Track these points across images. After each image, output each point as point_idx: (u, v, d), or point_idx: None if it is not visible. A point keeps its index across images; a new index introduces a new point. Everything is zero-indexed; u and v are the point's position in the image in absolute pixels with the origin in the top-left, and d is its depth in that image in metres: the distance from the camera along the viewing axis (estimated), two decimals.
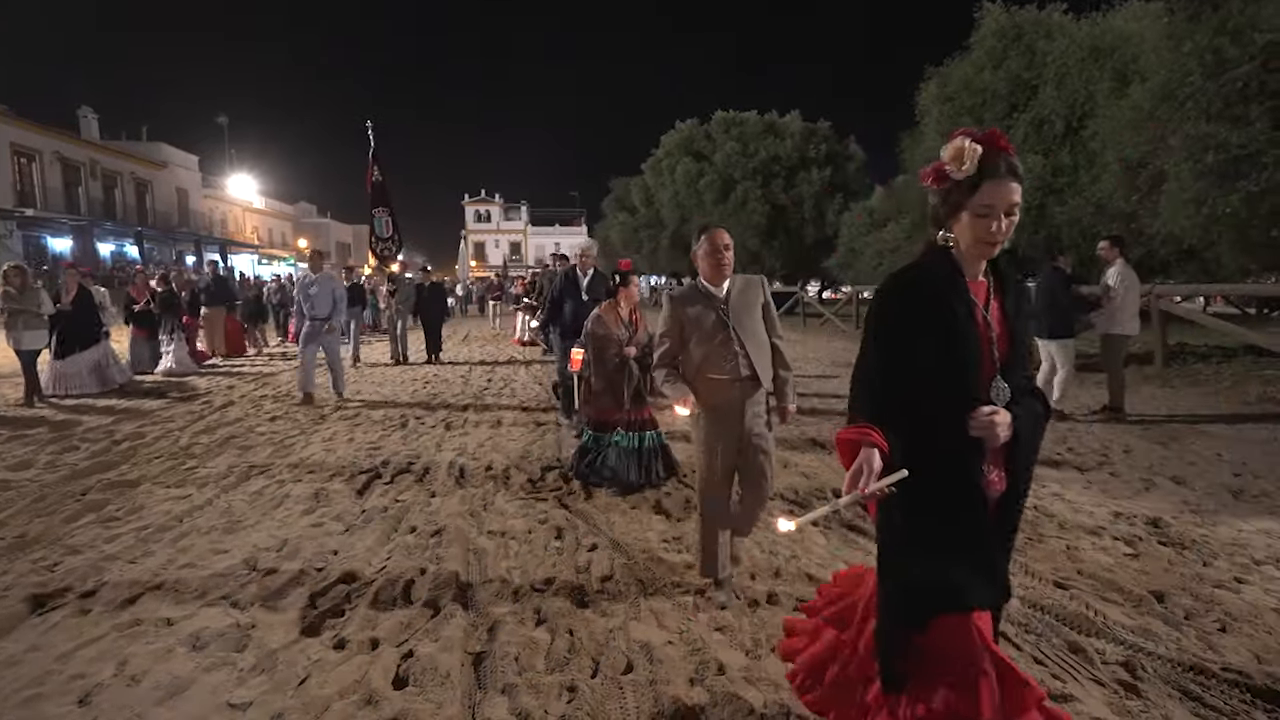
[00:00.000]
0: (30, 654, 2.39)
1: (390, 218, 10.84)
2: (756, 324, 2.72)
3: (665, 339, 2.76)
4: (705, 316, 2.67)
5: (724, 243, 2.69)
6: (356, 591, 2.87)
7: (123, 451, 5.29)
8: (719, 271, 2.69)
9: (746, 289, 2.76)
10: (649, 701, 2.10)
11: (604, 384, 4.24)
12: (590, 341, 4.28)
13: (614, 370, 4.20)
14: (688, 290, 2.76)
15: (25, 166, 24.68)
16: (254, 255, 39.14)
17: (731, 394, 2.63)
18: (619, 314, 4.27)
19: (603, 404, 4.26)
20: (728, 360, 2.62)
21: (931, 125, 15.30)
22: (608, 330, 4.20)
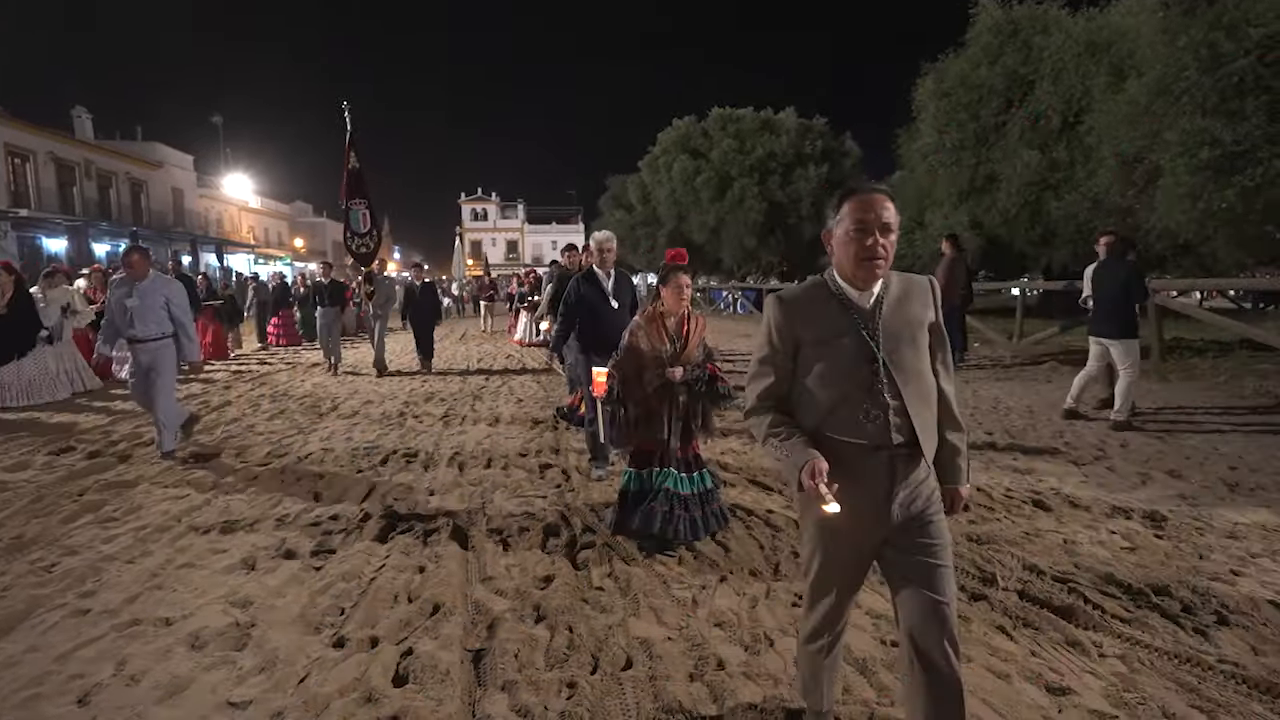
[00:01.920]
0: (29, 654, 2.39)
1: (368, 210, 9.65)
2: (920, 356, 1.62)
3: (766, 368, 1.70)
4: (837, 338, 1.59)
5: (881, 217, 1.55)
6: (356, 590, 2.87)
7: (120, 452, 5.28)
8: (869, 266, 1.56)
9: (907, 297, 1.65)
10: (649, 697, 2.11)
11: (641, 412, 3.26)
12: (625, 358, 3.26)
13: (653, 397, 3.21)
14: (809, 291, 1.69)
15: (19, 167, 24.55)
16: (250, 255, 39.03)
17: (872, 471, 1.58)
18: (664, 324, 3.22)
19: (641, 435, 3.30)
20: (870, 413, 1.56)
21: (928, 121, 15.31)
22: (650, 344, 3.20)
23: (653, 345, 3.20)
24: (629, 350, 3.26)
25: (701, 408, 3.27)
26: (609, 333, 3.90)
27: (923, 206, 16.92)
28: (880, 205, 1.54)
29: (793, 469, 1.55)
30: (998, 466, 4.59)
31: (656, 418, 3.23)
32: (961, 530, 3.40)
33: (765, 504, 3.90)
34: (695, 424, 3.29)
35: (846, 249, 1.58)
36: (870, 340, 1.57)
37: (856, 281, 1.60)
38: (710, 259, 28.48)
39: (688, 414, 3.26)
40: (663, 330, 3.21)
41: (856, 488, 1.54)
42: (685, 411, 3.25)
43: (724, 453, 4.98)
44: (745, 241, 26.42)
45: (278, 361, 11.61)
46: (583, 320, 4.38)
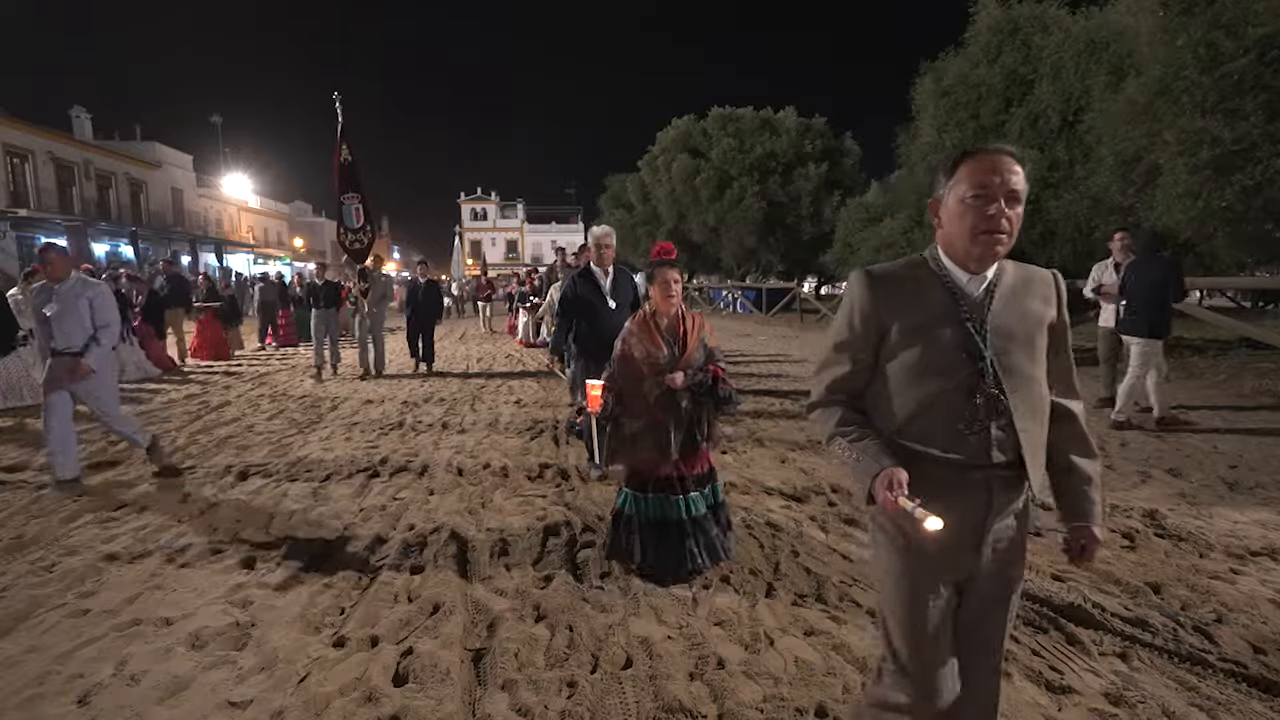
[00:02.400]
0: (29, 654, 2.39)
1: (361, 205, 9.27)
2: (1035, 361, 1.35)
3: (841, 356, 1.42)
4: (936, 327, 1.32)
5: (1008, 183, 1.27)
6: (356, 589, 2.87)
7: (119, 451, 5.28)
8: (988, 243, 1.28)
9: (1026, 288, 1.37)
10: (649, 696, 2.11)
11: (641, 426, 2.92)
12: (619, 368, 2.96)
13: (656, 408, 2.87)
14: (908, 269, 1.40)
15: (18, 167, 24.54)
16: (249, 255, 39.01)
17: (963, 495, 1.32)
18: (656, 326, 2.92)
19: (641, 452, 2.93)
20: (969, 424, 1.30)
21: (928, 120, 15.31)
22: (645, 351, 2.89)
23: (648, 352, 2.87)
24: (622, 360, 2.92)
25: (706, 415, 2.94)
26: (606, 334, 3.74)
27: (922, 206, 16.93)
28: (1007, 168, 1.25)
29: (863, 476, 1.30)
30: None
31: (660, 431, 2.87)
32: None
33: (765, 503, 3.89)
34: (701, 433, 2.92)
35: (960, 221, 1.28)
36: (977, 334, 1.30)
37: (969, 262, 1.32)
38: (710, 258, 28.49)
39: (692, 423, 2.90)
40: (656, 334, 2.88)
41: (953, 512, 1.23)
42: (690, 420, 2.90)
43: (724, 451, 4.98)
44: (745, 241, 26.42)
45: (276, 362, 11.60)
46: (578, 321, 4.21)
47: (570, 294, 4.20)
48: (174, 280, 11.40)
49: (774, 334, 15.80)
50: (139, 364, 9.40)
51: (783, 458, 4.82)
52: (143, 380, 9.20)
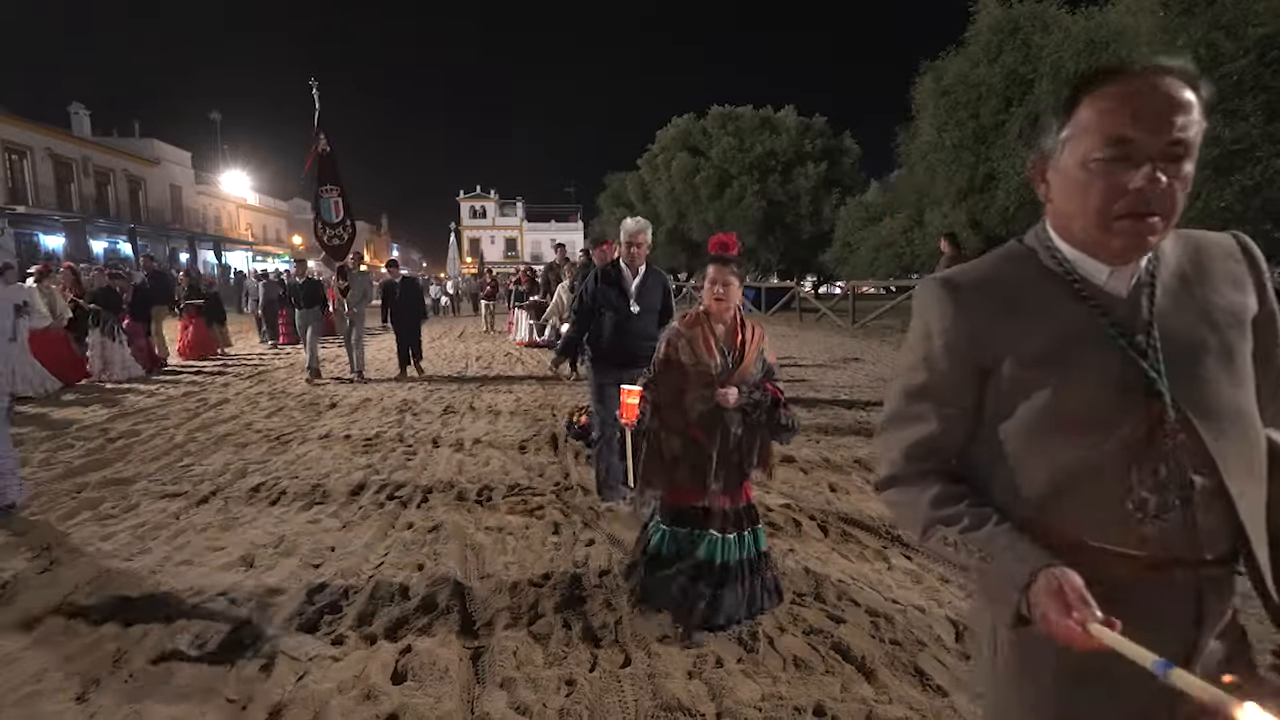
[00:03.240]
0: (27, 652, 2.38)
1: (341, 199, 8.75)
2: (1240, 382, 0.85)
3: (921, 407, 0.96)
4: (1070, 351, 0.86)
5: (1171, 125, 0.78)
6: (354, 588, 2.87)
7: (118, 449, 5.27)
8: (1131, 230, 0.82)
9: (1201, 268, 0.91)
10: (647, 695, 2.11)
11: (682, 447, 2.46)
12: (661, 375, 2.49)
13: (700, 425, 2.42)
14: (1005, 267, 0.95)
15: (16, 163, 24.49)
16: (248, 252, 38.97)
17: (1159, 608, 0.84)
18: (711, 330, 2.43)
19: (679, 479, 2.47)
20: (1153, 497, 0.82)
21: (927, 120, 15.32)
22: (694, 357, 2.42)
23: (697, 359, 2.40)
24: (666, 365, 2.46)
25: (759, 442, 2.46)
26: (625, 342, 3.53)
27: (922, 205, 16.94)
28: (1168, 100, 0.78)
29: (1005, 585, 0.81)
30: None
31: (701, 455, 2.41)
32: None
33: (764, 502, 3.90)
34: (749, 463, 2.46)
35: (1085, 192, 0.82)
36: (1140, 356, 0.83)
37: (1103, 251, 0.85)
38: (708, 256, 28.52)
39: (740, 450, 2.42)
40: (710, 340, 2.41)
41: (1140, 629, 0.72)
42: (738, 447, 2.41)
43: None
44: (745, 240, 26.36)
45: (267, 360, 11.57)
46: (596, 324, 3.73)
47: (589, 292, 3.72)
48: (155, 278, 11.09)
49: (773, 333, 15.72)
50: (124, 363, 9.07)
51: (781, 455, 4.82)
52: (130, 380, 8.89)
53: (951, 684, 2.13)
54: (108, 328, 8.85)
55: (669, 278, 3.84)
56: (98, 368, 8.80)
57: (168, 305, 11.12)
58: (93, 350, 8.79)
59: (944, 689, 2.11)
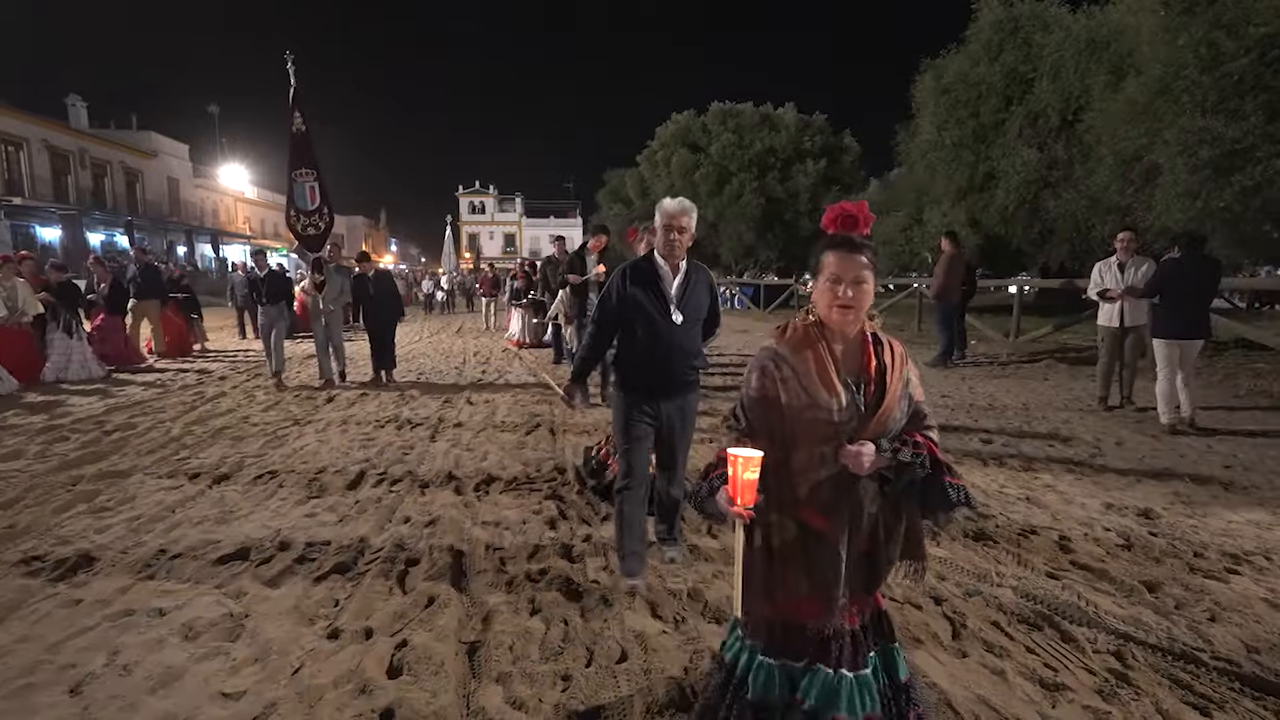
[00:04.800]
0: (21, 644, 2.37)
1: (317, 184, 7.90)
2: None
3: None
4: None
5: None
6: (350, 581, 2.86)
7: (114, 442, 5.25)
8: None
9: None
10: (643, 690, 2.11)
11: (789, 538, 1.53)
12: (753, 419, 1.53)
13: (817, 504, 1.50)
14: None
15: (12, 155, 24.39)
16: (246, 245, 38.85)
17: None
18: (829, 353, 1.49)
19: (791, 588, 1.54)
20: None
21: (928, 118, 15.30)
22: (803, 395, 1.48)
23: (811, 397, 1.46)
24: (761, 405, 1.51)
25: (907, 524, 1.55)
26: (664, 362, 2.70)
27: (921, 204, 16.93)
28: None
29: None
30: (994, 465, 4.60)
31: (821, 551, 1.49)
32: (957, 527, 3.41)
33: None
34: (889, 558, 1.55)
35: None
36: None
37: None
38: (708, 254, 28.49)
39: (877, 538, 1.53)
40: (830, 367, 1.47)
41: None
42: (874, 533, 1.52)
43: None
44: (743, 236, 26.41)
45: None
46: (626, 338, 2.79)
47: (617, 293, 2.75)
48: (146, 271, 10.32)
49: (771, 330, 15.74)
50: (84, 362, 8.36)
51: None
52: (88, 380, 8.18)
53: (948, 680, 2.13)
54: (65, 324, 8.24)
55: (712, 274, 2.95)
56: (59, 365, 8.18)
57: (159, 300, 10.43)
58: (51, 349, 8.20)
59: (940, 685, 2.11)
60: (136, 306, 9.92)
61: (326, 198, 8.06)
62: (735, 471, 1.37)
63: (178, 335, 10.96)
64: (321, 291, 7.76)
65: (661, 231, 2.71)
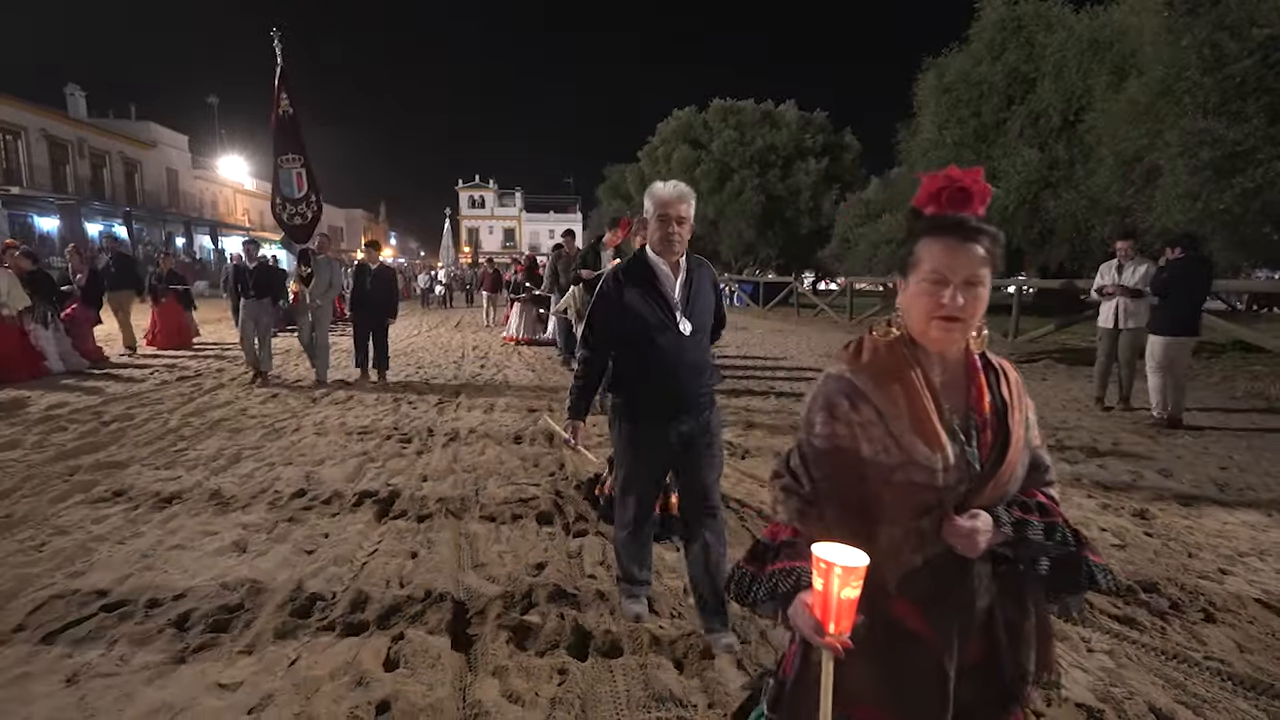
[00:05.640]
0: (17, 634, 2.37)
1: (305, 169, 7.38)
2: None
3: None
4: None
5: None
6: (347, 574, 2.87)
7: (111, 433, 5.25)
8: None
9: None
10: (639, 685, 2.11)
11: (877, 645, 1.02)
12: (819, 475, 1.07)
13: (913, 597, 1.04)
14: None
15: (10, 144, 24.28)
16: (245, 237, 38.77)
17: None
18: (925, 381, 1.04)
19: (863, 698, 1.06)
20: None
21: (929, 117, 15.28)
22: (892, 444, 1.02)
23: (901, 449, 1.02)
24: (828, 461, 1.07)
25: (1036, 625, 1.13)
26: (673, 381, 2.24)
27: None
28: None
29: None
30: None
31: (920, 662, 1.05)
32: None
33: (760, 496, 3.90)
34: (1016, 661, 1.11)
35: None
36: None
37: None
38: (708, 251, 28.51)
39: (995, 636, 1.08)
40: (927, 405, 1.04)
41: None
42: (987, 633, 1.08)
43: None
44: (743, 234, 26.39)
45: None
46: (623, 358, 2.33)
47: (608, 301, 2.29)
48: (119, 260, 9.94)
49: (770, 328, 15.78)
50: (65, 355, 8.13)
51: (777, 450, 4.82)
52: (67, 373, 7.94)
53: None
54: (40, 315, 7.91)
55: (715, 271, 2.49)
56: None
57: (134, 290, 10.02)
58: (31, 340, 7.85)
59: None
60: (111, 298, 9.57)
61: (315, 185, 7.55)
62: (828, 585, 0.92)
63: (177, 327, 10.79)
64: (309, 285, 7.31)
65: (656, 223, 2.22)
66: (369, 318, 7.68)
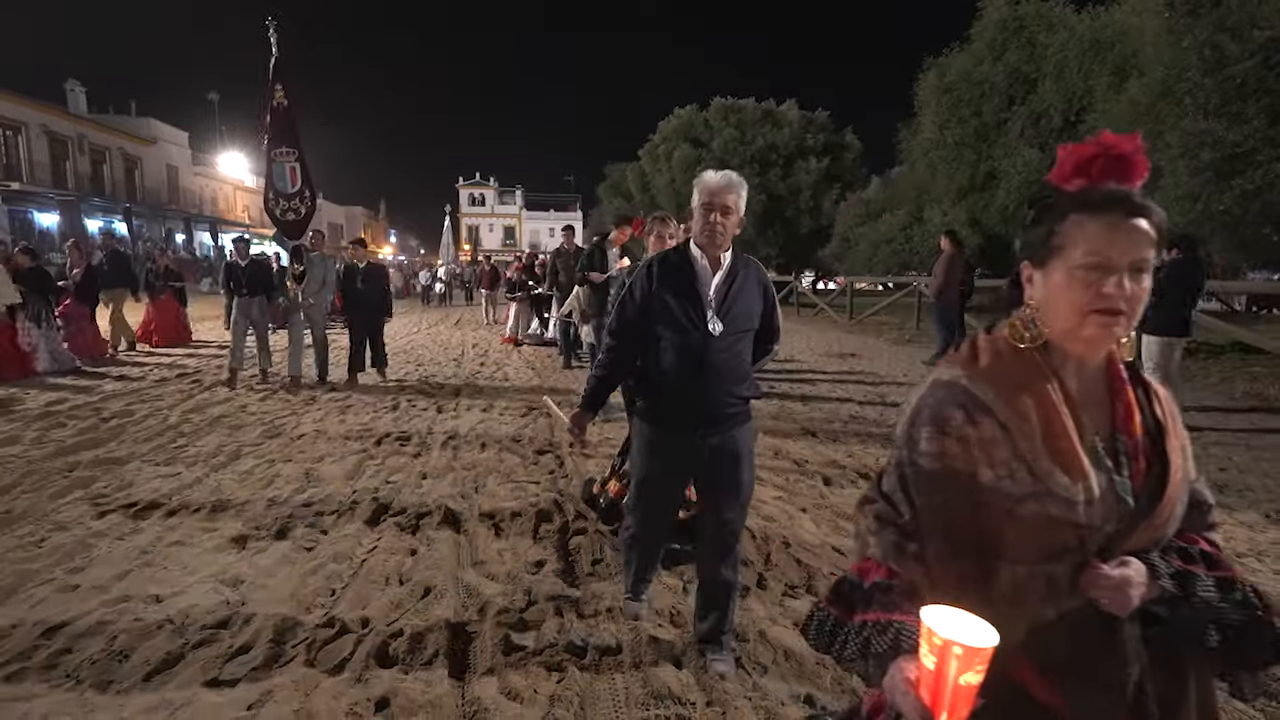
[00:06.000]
0: (16, 629, 2.38)
1: (299, 164, 7.18)
2: None
3: None
4: None
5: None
6: (347, 571, 2.87)
7: (111, 429, 5.25)
8: None
9: None
10: (637, 683, 2.12)
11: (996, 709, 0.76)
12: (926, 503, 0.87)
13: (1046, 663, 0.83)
14: None
15: (10, 139, 24.25)
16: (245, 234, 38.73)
17: None
18: (1065, 395, 0.85)
19: None
20: None
21: (930, 116, 15.28)
22: (1031, 468, 0.81)
23: (1033, 476, 0.82)
24: (938, 485, 0.86)
25: (1198, 698, 0.87)
26: (699, 385, 2.06)
27: (922, 202, 16.93)
28: None
29: None
30: None
31: None
32: None
33: (757, 494, 3.91)
34: None
35: None
36: None
37: None
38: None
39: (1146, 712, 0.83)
40: (1065, 422, 0.83)
41: None
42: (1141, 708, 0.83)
43: None
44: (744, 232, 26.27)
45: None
46: (648, 355, 2.15)
47: (640, 295, 2.13)
48: (114, 257, 9.78)
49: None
50: (54, 354, 7.89)
51: (776, 449, 4.83)
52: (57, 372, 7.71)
53: None
54: (34, 313, 7.74)
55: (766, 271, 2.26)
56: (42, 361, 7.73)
57: (129, 289, 9.91)
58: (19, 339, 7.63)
59: None
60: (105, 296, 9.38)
61: (309, 180, 7.30)
62: (942, 667, 0.72)
63: (175, 324, 10.72)
64: (301, 283, 7.04)
65: (699, 213, 2.04)
66: (364, 320, 7.50)
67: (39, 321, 7.80)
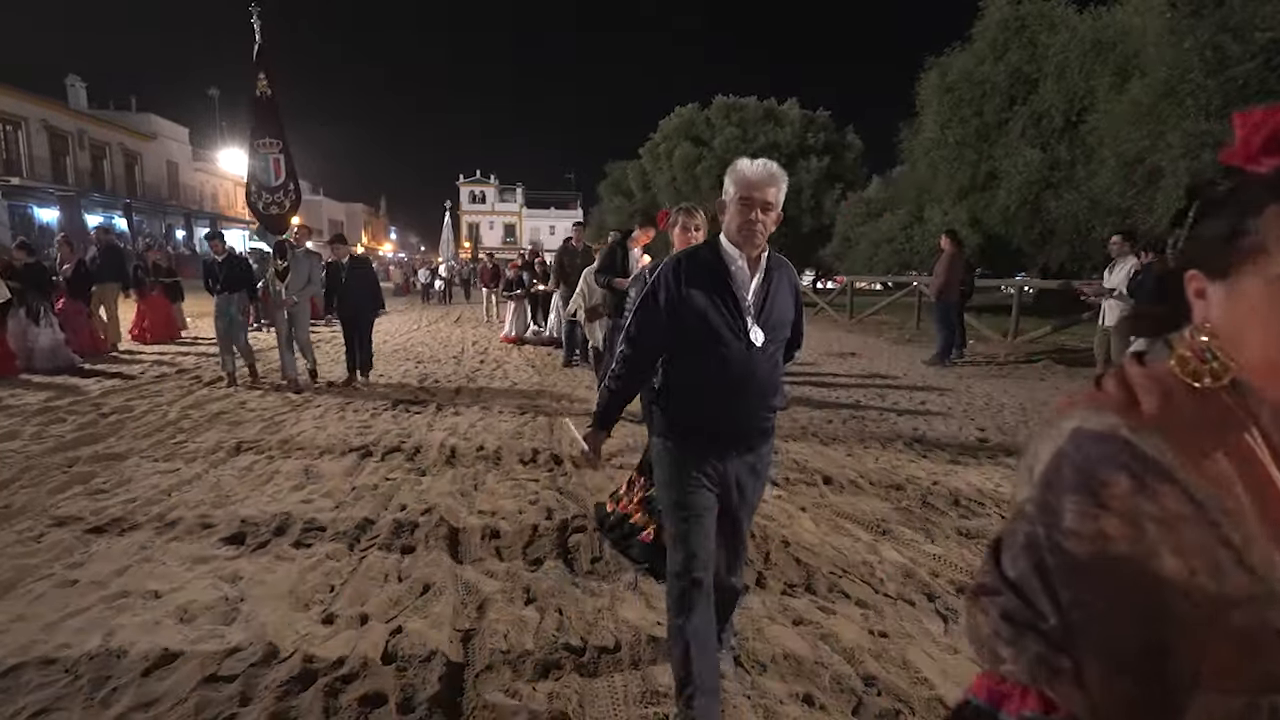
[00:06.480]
0: (16, 624, 2.38)
1: (283, 155, 6.99)
2: None
3: None
4: None
5: None
6: (345, 568, 2.87)
7: (110, 424, 5.25)
8: None
9: None
10: (636, 681, 2.12)
11: None
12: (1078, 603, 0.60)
13: None
14: None
15: (11, 134, 24.22)
16: (245, 230, 38.69)
17: None
18: (1271, 449, 0.57)
19: None
20: None
21: (931, 116, 15.27)
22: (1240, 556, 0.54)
23: (1241, 565, 0.54)
24: (1097, 580, 0.59)
25: None
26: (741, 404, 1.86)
27: (922, 202, 16.91)
28: None
29: None
30: (990, 463, 4.61)
31: None
32: (952, 525, 3.43)
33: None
34: None
35: None
36: None
37: None
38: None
39: None
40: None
41: None
42: None
43: None
44: None
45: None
46: (678, 365, 1.91)
47: (666, 297, 1.85)
48: (107, 252, 9.62)
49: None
50: (53, 352, 7.68)
51: (775, 448, 4.83)
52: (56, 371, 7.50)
53: (939, 676, 2.15)
54: (33, 310, 7.56)
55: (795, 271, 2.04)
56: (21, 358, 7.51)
57: (119, 283, 9.71)
58: (13, 337, 7.44)
59: (931, 681, 2.12)
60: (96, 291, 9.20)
61: (293, 173, 7.11)
62: None
63: (165, 320, 10.60)
64: (285, 280, 6.75)
65: (736, 208, 1.77)
66: (354, 314, 7.18)
67: (38, 318, 7.65)
